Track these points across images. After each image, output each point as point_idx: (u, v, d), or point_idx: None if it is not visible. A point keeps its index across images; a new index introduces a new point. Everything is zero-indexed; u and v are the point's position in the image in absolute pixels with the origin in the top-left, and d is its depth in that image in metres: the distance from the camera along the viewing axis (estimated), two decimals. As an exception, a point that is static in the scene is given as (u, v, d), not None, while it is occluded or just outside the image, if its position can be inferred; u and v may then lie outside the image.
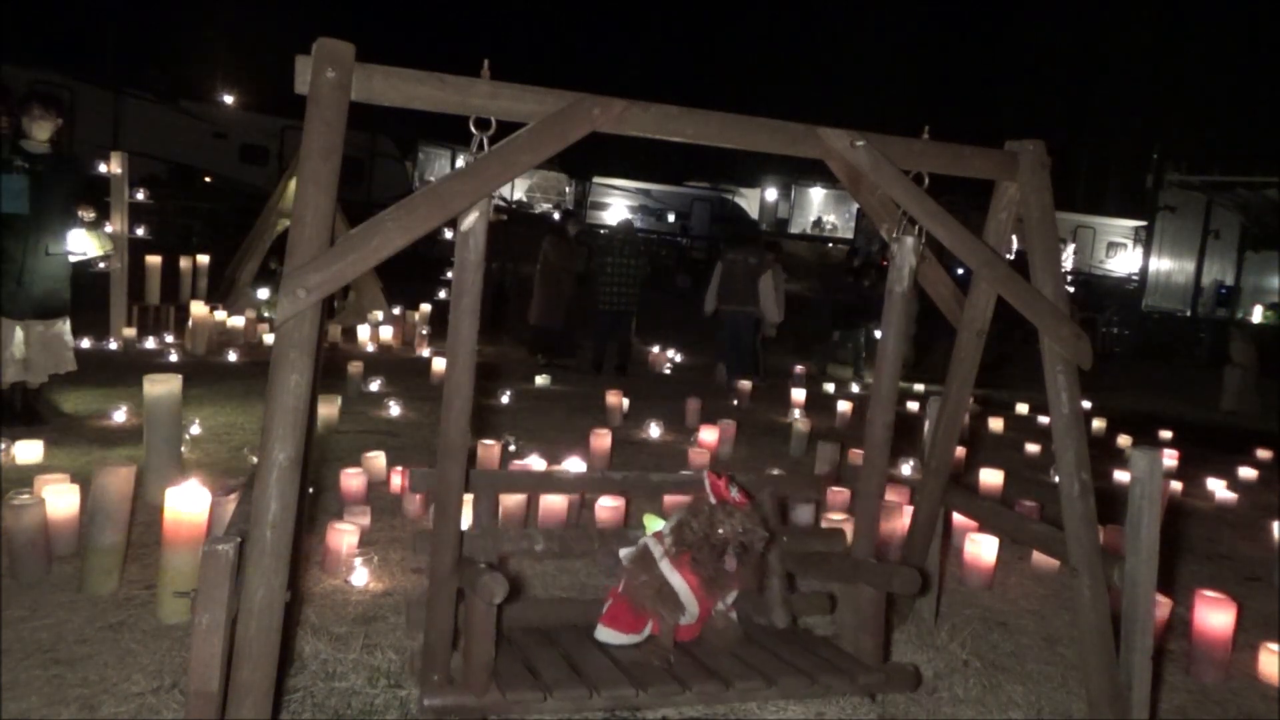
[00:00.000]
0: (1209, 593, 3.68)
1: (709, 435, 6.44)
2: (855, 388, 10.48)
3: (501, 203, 24.69)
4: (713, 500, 2.78)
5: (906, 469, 6.22)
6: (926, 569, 3.49)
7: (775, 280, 9.92)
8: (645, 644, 2.78)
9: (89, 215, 5.79)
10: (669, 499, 4.26)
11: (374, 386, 7.75)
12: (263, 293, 10.42)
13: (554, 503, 4.32)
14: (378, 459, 5.17)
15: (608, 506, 4.33)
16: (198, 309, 9.05)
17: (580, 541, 3.17)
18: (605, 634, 2.84)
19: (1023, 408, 9.64)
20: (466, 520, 2.86)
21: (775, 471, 3.69)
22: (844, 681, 2.75)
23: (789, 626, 3.14)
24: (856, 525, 3.10)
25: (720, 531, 2.68)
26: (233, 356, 8.77)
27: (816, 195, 34.67)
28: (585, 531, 3.46)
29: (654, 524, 2.92)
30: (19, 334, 5.50)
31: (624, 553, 2.93)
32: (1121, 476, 6.16)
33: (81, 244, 5.79)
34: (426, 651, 2.62)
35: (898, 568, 2.91)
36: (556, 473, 3.62)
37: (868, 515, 3.06)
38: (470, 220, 2.35)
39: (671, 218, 31.30)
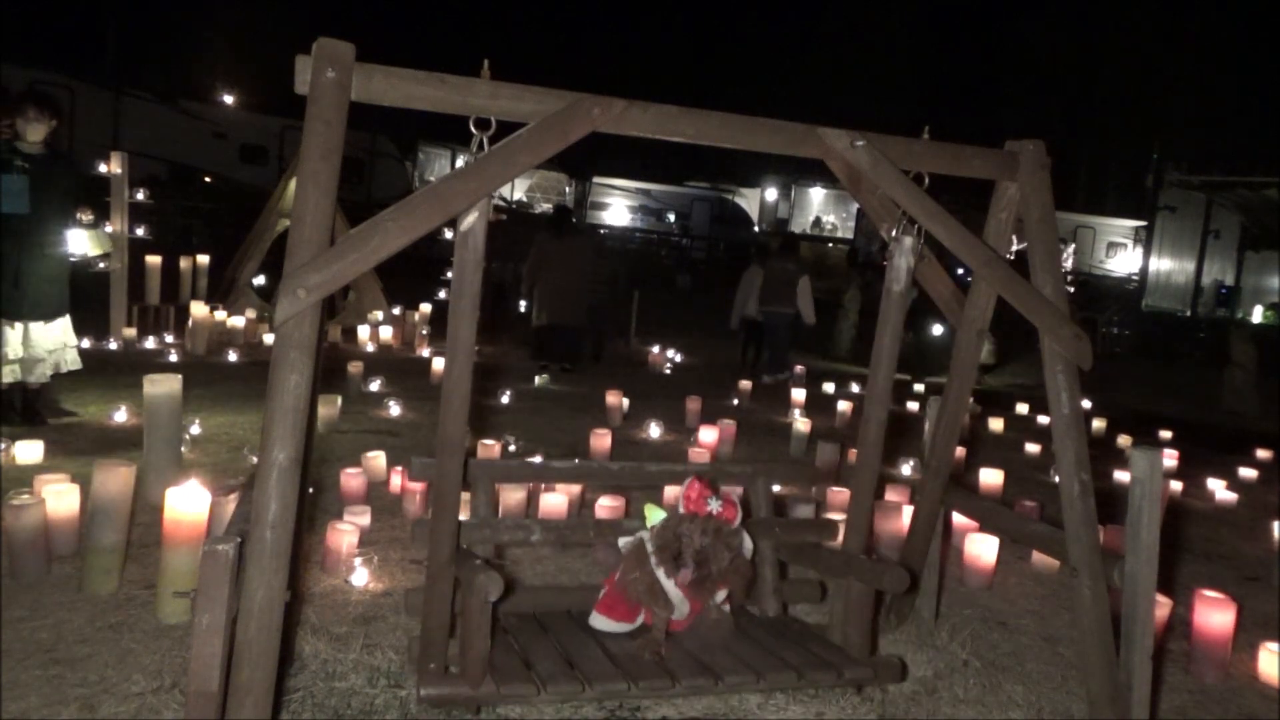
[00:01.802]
0: (1209, 593, 3.68)
1: (709, 435, 6.44)
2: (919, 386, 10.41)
3: (501, 203, 24.69)
4: (680, 508, 2.85)
5: (906, 469, 6.22)
6: (915, 568, 3.50)
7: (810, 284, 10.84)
8: (638, 635, 2.85)
9: (87, 216, 5.79)
10: (669, 491, 4.27)
11: (374, 386, 7.75)
12: (259, 280, 10.44)
13: (554, 503, 4.32)
14: (378, 459, 5.17)
15: (607, 506, 4.33)
16: (198, 309, 9.05)
17: (577, 531, 3.23)
18: (599, 621, 2.92)
19: (1023, 408, 9.64)
20: (464, 515, 2.88)
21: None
22: (831, 675, 2.81)
23: (780, 616, 3.24)
24: (849, 520, 3.15)
25: (680, 543, 2.77)
26: (233, 356, 8.77)
27: (816, 195, 34.64)
28: (583, 522, 3.51)
29: (655, 514, 2.95)
30: (17, 334, 5.50)
31: (623, 542, 2.99)
32: (1121, 476, 6.16)
33: (80, 244, 5.79)
34: (424, 640, 2.67)
35: (888, 565, 2.95)
36: (554, 463, 3.65)
37: (860, 510, 3.11)
38: (470, 220, 2.35)
39: (671, 218, 31.31)
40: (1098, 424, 8.47)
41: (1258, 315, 19.11)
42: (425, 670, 2.64)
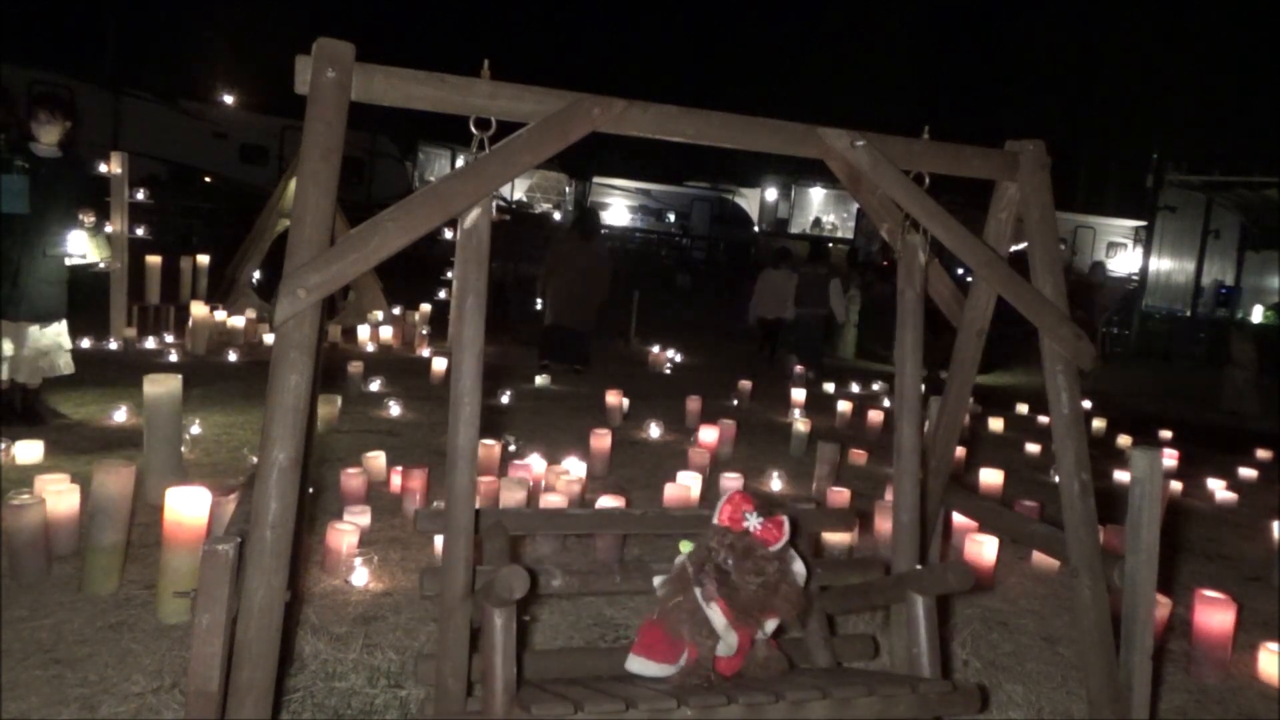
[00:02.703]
0: (1209, 593, 3.68)
1: (709, 435, 6.44)
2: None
3: (502, 203, 24.69)
4: (715, 520, 2.53)
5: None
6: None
7: (838, 286, 11.83)
8: (683, 670, 2.47)
9: (89, 219, 5.79)
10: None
11: (374, 386, 7.75)
12: (257, 275, 10.45)
13: (554, 502, 4.32)
14: (378, 459, 5.17)
15: (607, 505, 4.32)
16: (198, 309, 9.05)
17: (602, 578, 2.88)
18: (637, 664, 2.53)
19: (1023, 408, 9.64)
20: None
21: (805, 505, 3.41)
22: (904, 690, 2.46)
23: (833, 667, 2.94)
24: (895, 539, 2.83)
25: (712, 559, 2.45)
26: (233, 356, 8.77)
27: (816, 195, 34.64)
28: (608, 566, 3.16)
29: (689, 548, 2.65)
30: (13, 334, 5.49)
31: (658, 581, 2.64)
32: (1121, 476, 6.16)
33: (80, 247, 5.79)
34: (439, 698, 2.38)
35: (949, 564, 2.70)
36: (572, 511, 3.45)
37: (905, 527, 2.77)
38: (473, 217, 2.33)
39: (671, 218, 31.32)
40: (1098, 424, 8.47)
41: (1258, 315, 19.10)
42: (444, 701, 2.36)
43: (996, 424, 8.50)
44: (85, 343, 8.10)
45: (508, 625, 2.19)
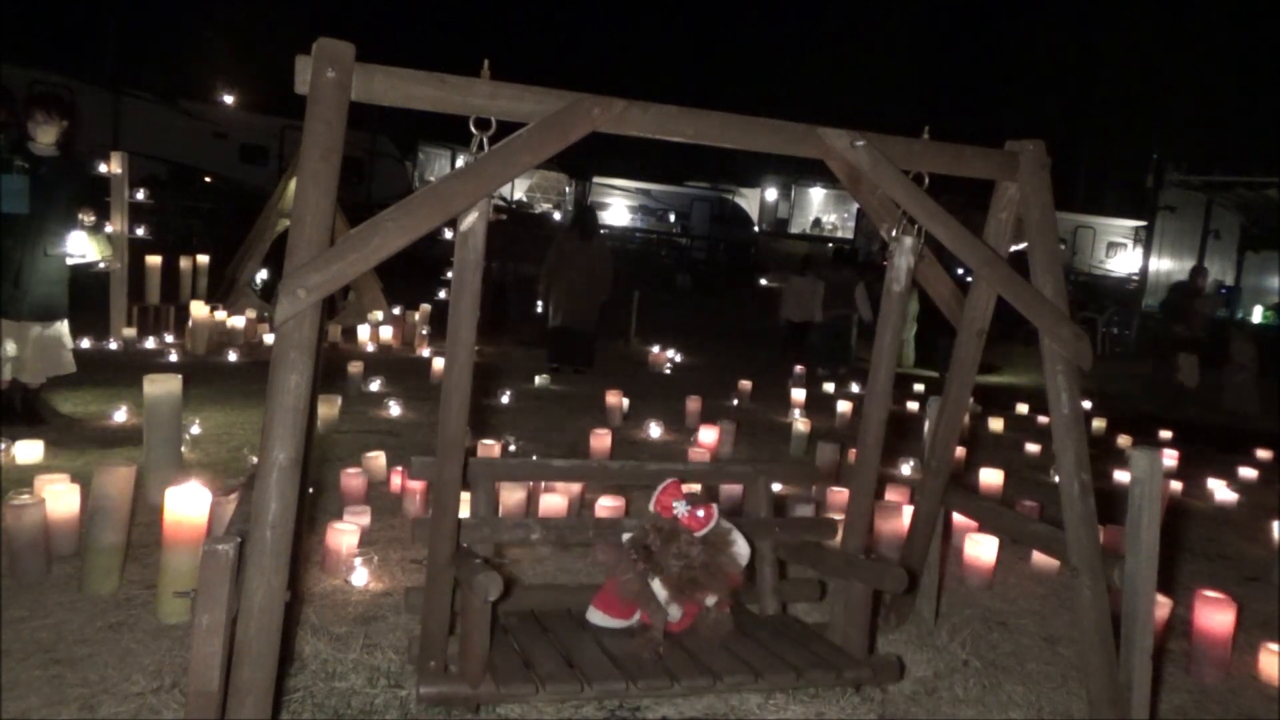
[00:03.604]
0: (1209, 593, 3.68)
1: (709, 435, 6.44)
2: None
3: (501, 203, 24.69)
4: (650, 507, 2.89)
5: (906, 469, 6.22)
6: (914, 568, 3.51)
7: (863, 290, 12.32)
8: (637, 633, 2.88)
9: (89, 219, 5.79)
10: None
11: (374, 386, 7.75)
12: (262, 274, 10.44)
13: (554, 503, 4.32)
14: (378, 459, 5.17)
15: (607, 506, 4.33)
16: (198, 309, 9.05)
17: (577, 531, 3.24)
18: (596, 616, 2.96)
19: (1023, 408, 9.64)
20: (464, 513, 2.88)
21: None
22: (830, 675, 2.82)
23: (780, 615, 3.27)
24: (848, 520, 3.17)
25: (641, 540, 2.82)
26: (233, 356, 8.77)
27: (816, 195, 34.67)
28: (582, 521, 3.52)
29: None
30: (14, 334, 5.49)
31: (626, 536, 3.00)
32: (1121, 476, 6.16)
33: (81, 247, 5.80)
34: (423, 639, 2.69)
35: (888, 566, 2.98)
36: (554, 462, 3.68)
37: (859, 510, 3.12)
38: (470, 220, 2.35)
39: (672, 218, 31.31)
40: (1098, 424, 8.47)
41: (1258, 315, 19.08)
42: (425, 669, 2.65)
43: (996, 424, 8.50)
44: (85, 343, 8.11)
45: (482, 609, 2.51)
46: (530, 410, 7.53)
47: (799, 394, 8.76)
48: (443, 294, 12.17)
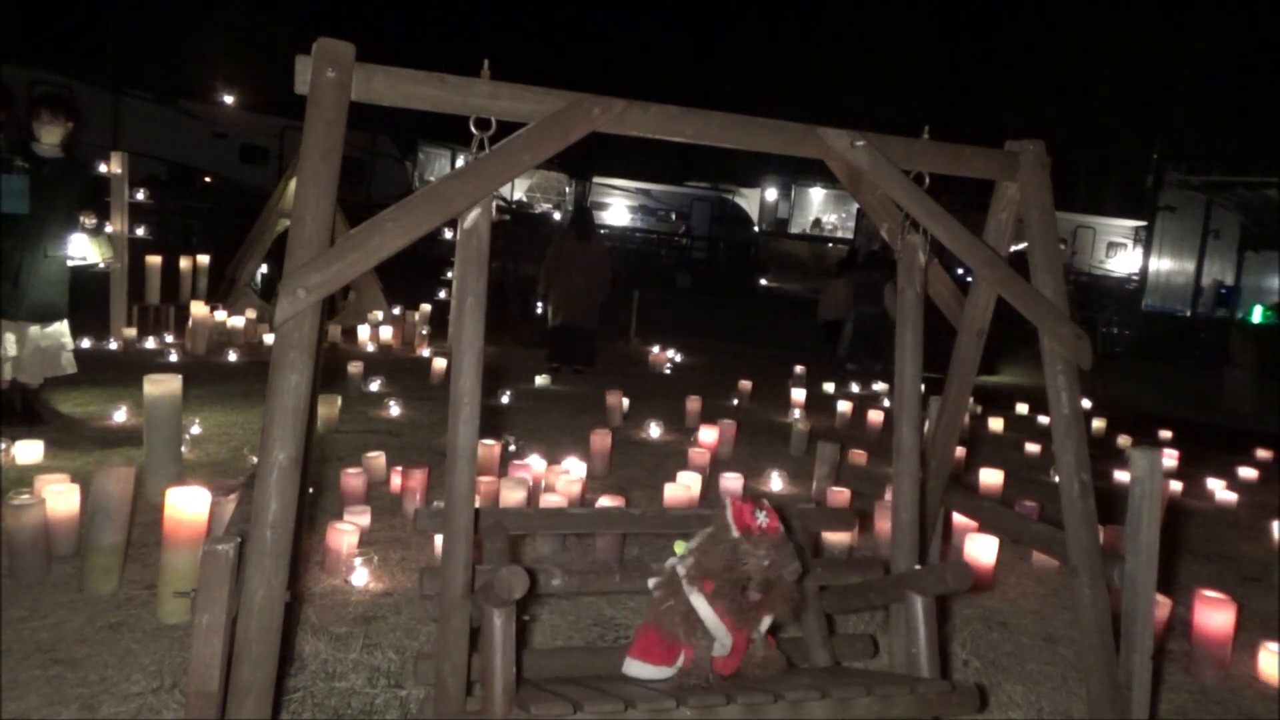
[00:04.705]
0: (1209, 593, 3.68)
1: (709, 435, 6.44)
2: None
3: (502, 203, 24.67)
4: (735, 531, 2.47)
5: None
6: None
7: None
8: (681, 672, 2.48)
9: (90, 222, 5.79)
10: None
11: (374, 386, 7.75)
12: (264, 268, 10.44)
13: (553, 502, 4.32)
14: (378, 459, 5.17)
15: (607, 505, 4.32)
16: (198, 309, 9.05)
17: (602, 577, 2.88)
18: (635, 667, 2.55)
19: (1023, 408, 9.64)
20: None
21: (805, 504, 3.42)
22: (903, 690, 2.45)
23: (832, 666, 2.95)
24: (894, 538, 2.84)
25: (744, 565, 2.41)
26: (233, 356, 8.77)
27: (816, 195, 34.69)
28: (607, 565, 3.22)
29: (682, 548, 2.67)
30: (14, 334, 5.49)
31: (652, 582, 2.66)
32: (1121, 476, 6.16)
33: (82, 250, 5.79)
34: (438, 698, 2.37)
35: (948, 565, 2.71)
36: (572, 510, 3.47)
37: (904, 526, 2.79)
38: (474, 218, 2.33)
39: (673, 217, 31.31)
40: (1098, 424, 8.47)
41: (1258, 315, 19.09)
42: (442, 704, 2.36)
43: (996, 424, 8.50)
44: (85, 343, 8.10)
45: (507, 625, 2.19)
46: (530, 410, 7.53)
47: (799, 394, 8.76)
48: (443, 294, 12.17)
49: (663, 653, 2.51)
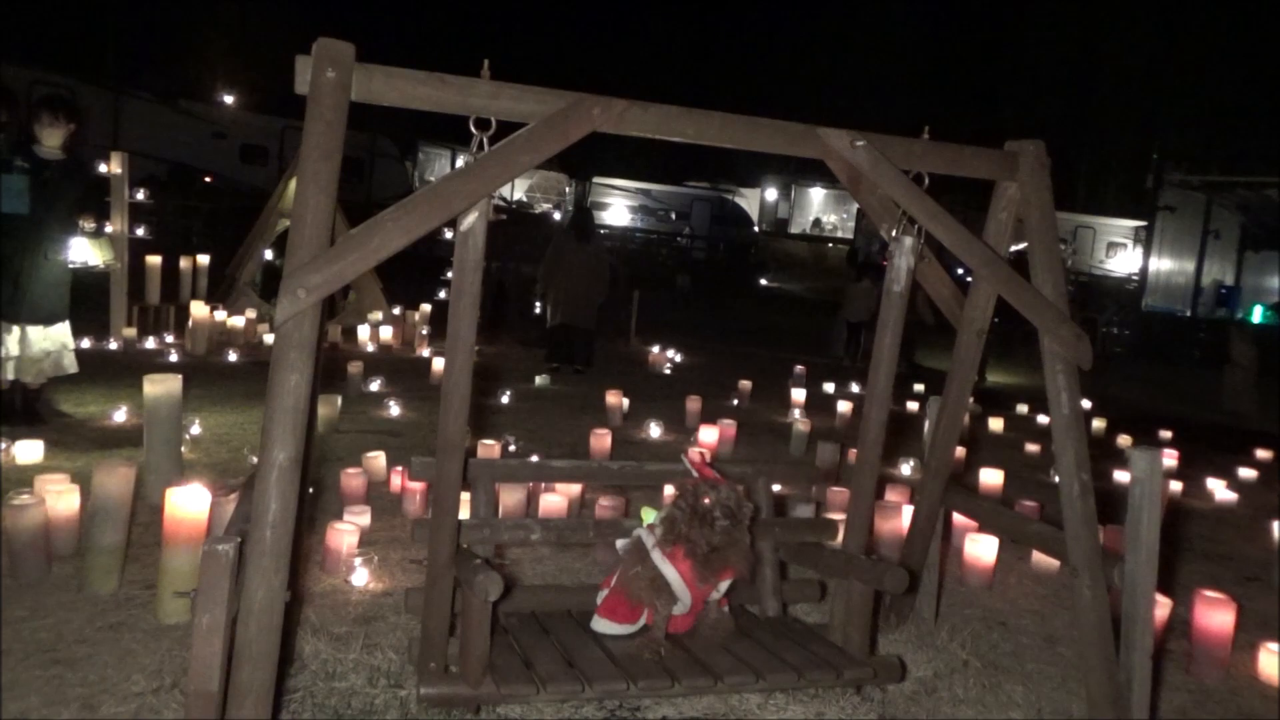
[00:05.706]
0: (1209, 593, 3.68)
1: (709, 435, 6.44)
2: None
3: (501, 203, 24.68)
4: (694, 475, 2.88)
5: (906, 469, 6.22)
6: (914, 568, 3.51)
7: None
8: (639, 635, 2.87)
9: (90, 226, 5.78)
10: (669, 491, 4.25)
11: (374, 386, 7.75)
12: (268, 255, 10.45)
13: (553, 502, 4.32)
14: (378, 459, 5.17)
15: (607, 506, 4.33)
16: (198, 309, 9.05)
17: (577, 531, 3.28)
18: (602, 625, 2.93)
19: (1023, 408, 9.64)
20: (464, 514, 2.90)
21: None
22: (830, 675, 2.83)
23: (780, 616, 3.27)
24: (849, 520, 3.17)
25: (705, 501, 2.76)
26: (233, 356, 8.77)
27: (816, 195, 34.69)
28: (582, 521, 3.56)
29: (650, 516, 2.98)
30: (14, 335, 5.49)
31: (620, 544, 3.02)
32: (1121, 476, 6.16)
33: (82, 254, 5.79)
34: (424, 640, 2.70)
35: (889, 566, 2.96)
36: (554, 462, 3.68)
37: (860, 510, 3.13)
38: (470, 220, 2.35)
39: (674, 217, 31.32)
40: (1098, 424, 8.47)
41: (1258, 315, 19.09)
42: (425, 670, 2.66)
43: (996, 424, 8.50)
44: (85, 343, 8.10)
45: (483, 609, 2.52)
46: (530, 410, 7.53)
47: (799, 394, 8.76)
48: (443, 294, 12.17)
49: (627, 612, 2.89)
